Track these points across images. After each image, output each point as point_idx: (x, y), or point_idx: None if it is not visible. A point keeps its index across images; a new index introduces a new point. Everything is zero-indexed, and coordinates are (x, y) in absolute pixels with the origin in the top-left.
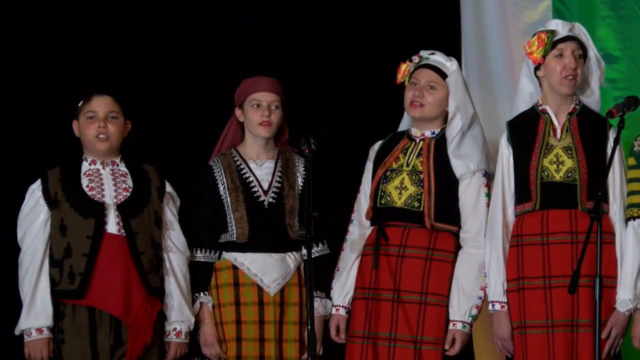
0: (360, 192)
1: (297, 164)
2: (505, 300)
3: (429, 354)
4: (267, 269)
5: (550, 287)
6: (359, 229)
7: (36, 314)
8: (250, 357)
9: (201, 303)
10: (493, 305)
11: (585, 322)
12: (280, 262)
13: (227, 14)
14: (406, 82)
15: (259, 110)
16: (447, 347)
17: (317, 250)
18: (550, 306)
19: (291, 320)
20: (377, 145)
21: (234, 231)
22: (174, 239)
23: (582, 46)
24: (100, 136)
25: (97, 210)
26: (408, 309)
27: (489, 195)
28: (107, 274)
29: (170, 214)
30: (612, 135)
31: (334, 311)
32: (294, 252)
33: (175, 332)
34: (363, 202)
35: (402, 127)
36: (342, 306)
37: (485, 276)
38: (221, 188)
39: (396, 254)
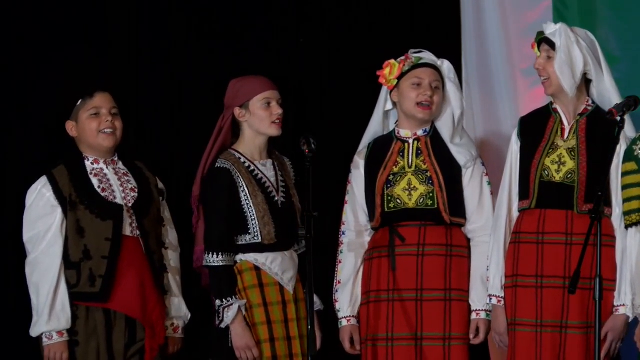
0: (348, 203)
1: (286, 162)
2: (503, 295)
3: (458, 350)
4: (285, 267)
5: (541, 287)
6: (357, 238)
7: (57, 316)
8: (283, 356)
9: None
10: (491, 300)
11: (575, 323)
12: (290, 259)
13: (227, 14)
14: (393, 82)
15: (270, 108)
16: (471, 336)
17: (303, 247)
18: (540, 306)
19: (302, 316)
20: (362, 153)
21: (258, 233)
22: (170, 236)
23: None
24: (107, 130)
25: (116, 212)
26: (433, 306)
27: (490, 183)
28: (126, 276)
29: (167, 211)
30: (621, 138)
31: (344, 323)
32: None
33: (172, 328)
34: (354, 212)
35: (374, 127)
36: (353, 316)
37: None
38: (241, 190)
39: (415, 253)
